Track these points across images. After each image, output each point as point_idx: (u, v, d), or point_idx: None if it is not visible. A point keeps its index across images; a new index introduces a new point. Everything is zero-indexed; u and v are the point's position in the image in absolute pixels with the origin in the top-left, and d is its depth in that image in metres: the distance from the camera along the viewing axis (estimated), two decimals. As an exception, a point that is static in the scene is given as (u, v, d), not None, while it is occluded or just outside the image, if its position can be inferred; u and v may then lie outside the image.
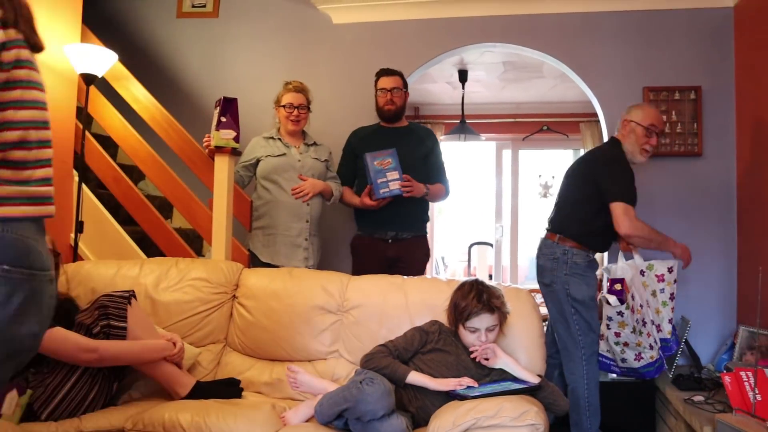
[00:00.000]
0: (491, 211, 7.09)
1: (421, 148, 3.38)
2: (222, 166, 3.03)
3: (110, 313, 2.15)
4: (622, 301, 2.76)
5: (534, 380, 2.13)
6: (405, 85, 3.44)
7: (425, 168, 3.36)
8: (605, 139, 3.81)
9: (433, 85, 6.13)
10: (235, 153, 3.07)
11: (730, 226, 3.57)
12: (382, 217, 3.27)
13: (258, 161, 3.29)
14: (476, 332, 2.16)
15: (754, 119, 3.35)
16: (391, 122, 3.43)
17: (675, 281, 2.97)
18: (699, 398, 2.71)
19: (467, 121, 6.20)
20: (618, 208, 2.70)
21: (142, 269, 2.74)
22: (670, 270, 2.95)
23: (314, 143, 3.42)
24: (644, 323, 2.87)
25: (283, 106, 3.27)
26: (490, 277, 7.06)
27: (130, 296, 2.25)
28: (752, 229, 3.34)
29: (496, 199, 7.03)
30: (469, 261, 7.11)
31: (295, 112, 3.27)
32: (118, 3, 4.61)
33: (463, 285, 2.26)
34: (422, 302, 2.47)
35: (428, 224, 3.52)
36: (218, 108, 3.05)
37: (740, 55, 3.56)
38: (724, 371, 2.74)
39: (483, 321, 2.15)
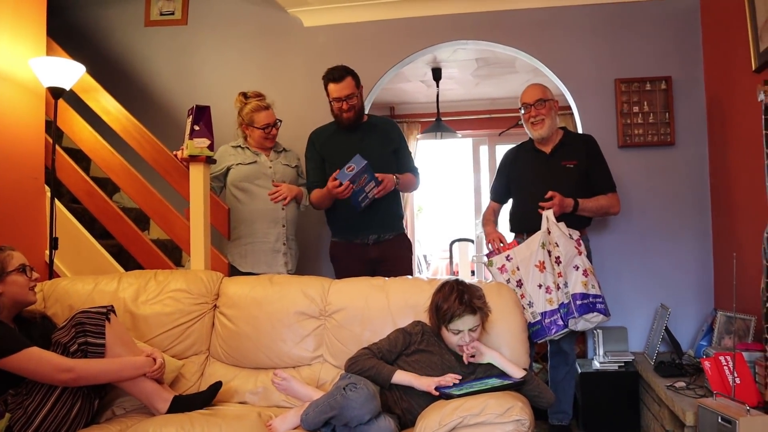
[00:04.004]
0: (470, 207, 7.11)
1: (387, 143, 3.26)
2: (197, 175, 2.99)
3: (87, 330, 2.11)
4: (488, 256, 3.09)
5: (519, 374, 2.14)
6: (357, 83, 3.18)
7: (395, 162, 3.26)
8: (580, 131, 3.84)
9: (408, 84, 6.14)
10: (210, 161, 3.04)
11: (704, 213, 3.62)
12: (361, 222, 3.17)
13: (228, 170, 3.27)
14: (459, 333, 2.16)
15: (723, 106, 3.40)
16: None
17: (581, 253, 2.91)
18: (681, 384, 2.74)
19: (443, 118, 6.23)
20: None
21: (120, 283, 2.70)
22: (577, 241, 2.95)
23: (283, 150, 3.41)
24: (520, 284, 2.94)
25: (262, 128, 3.25)
26: (473, 273, 7.08)
27: (108, 312, 2.21)
28: (726, 215, 3.39)
29: (475, 195, 7.05)
30: (450, 258, 7.14)
31: (273, 130, 3.29)
32: (83, 13, 4.55)
33: (443, 286, 2.24)
34: (404, 303, 2.46)
35: (409, 223, 3.49)
36: (191, 116, 3.01)
37: (708, 44, 3.61)
38: (704, 356, 2.78)
39: (466, 322, 2.15)
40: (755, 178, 2.96)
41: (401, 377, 2.11)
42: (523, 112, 3.17)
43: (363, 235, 3.21)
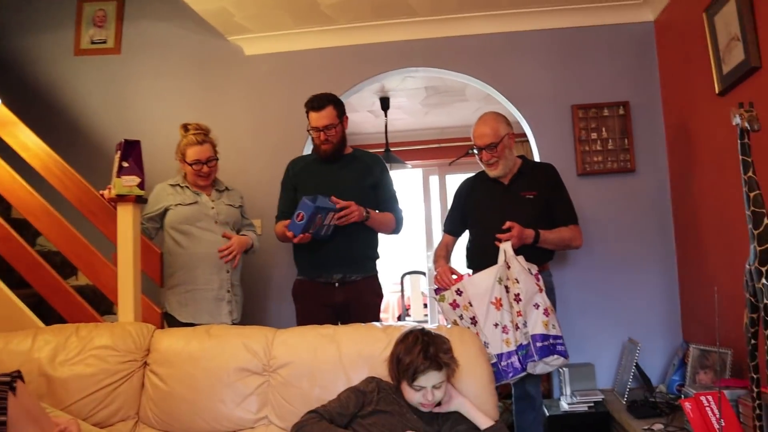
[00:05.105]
0: (422, 238, 6.93)
1: (368, 177, 3.02)
2: (125, 217, 2.69)
3: (-14, 405, 1.79)
4: (436, 291, 2.84)
5: (488, 424, 1.95)
6: (340, 113, 2.97)
7: (374, 198, 3.02)
8: (537, 159, 3.70)
9: (355, 115, 5.96)
10: (140, 201, 2.75)
11: (668, 241, 3.50)
12: (326, 259, 2.91)
13: (166, 211, 2.97)
14: (421, 390, 1.92)
15: (681, 131, 3.32)
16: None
17: (541, 290, 2.68)
18: (658, 426, 2.58)
19: (392, 149, 6.05)
20: None
21: (35, 341, 2.36)
22: (535, 276, 2.73)
23: (225, 189, 3.13)
24: (474, 322, 2.70)
25: (190, 164, 2.95)
26: (425, 305, 6.88)
27: (12, 380, 1.88)
28: (691, 244, 3.27)
29: (426, 226, 6.89)
30: (402, 291, 6.95)
31: (204, 168, 2.97)
32: (4, 42, 4.22)
33: (406, 336, 2.00)
34: (357, 354, 2.20)
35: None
36: (119, 152, 2.72)
37: (664, 68, 3.54)
38: (682, 396, 2.62)
39: (430, 379, 1.91)
40: (722, 205, 2.85)
41: None
42: (476, 152, 2.95)
43: (327, 274, 2.93)
